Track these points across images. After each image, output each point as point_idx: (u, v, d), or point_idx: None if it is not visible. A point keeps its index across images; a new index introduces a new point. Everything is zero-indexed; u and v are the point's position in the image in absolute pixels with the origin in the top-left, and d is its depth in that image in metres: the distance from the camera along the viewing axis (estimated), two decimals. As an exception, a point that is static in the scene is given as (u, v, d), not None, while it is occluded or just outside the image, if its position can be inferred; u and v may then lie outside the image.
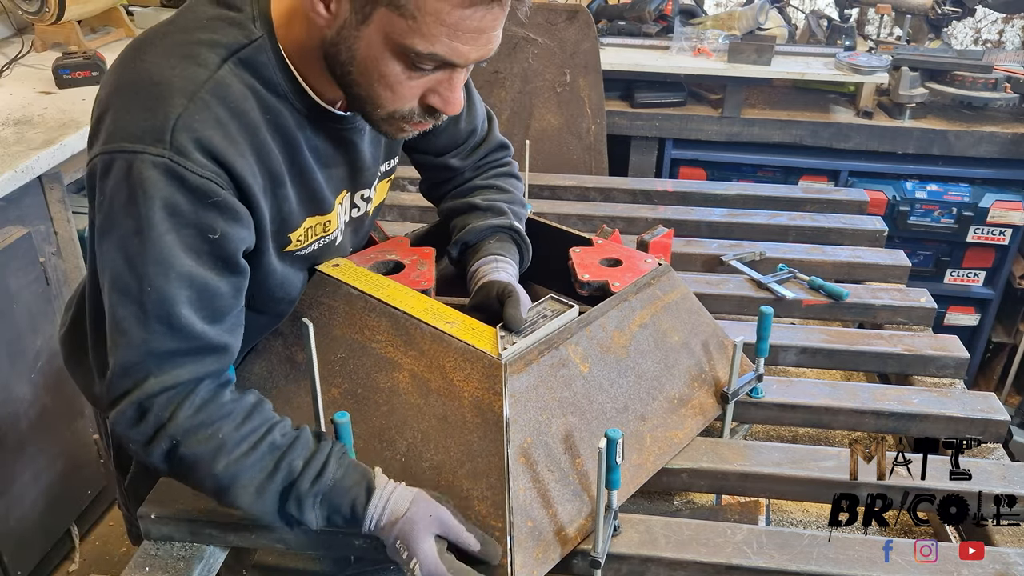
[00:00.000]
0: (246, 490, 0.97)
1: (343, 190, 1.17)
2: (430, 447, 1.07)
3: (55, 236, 2.03)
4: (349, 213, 1.22)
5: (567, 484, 1.06)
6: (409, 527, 0.98)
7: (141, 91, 0.93)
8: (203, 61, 0.95)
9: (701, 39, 2.81)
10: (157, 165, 0.90)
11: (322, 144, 1.10)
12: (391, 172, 1.30)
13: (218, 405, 0.98)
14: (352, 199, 1.21)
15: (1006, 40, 3.47)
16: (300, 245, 1.13)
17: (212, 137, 0.93)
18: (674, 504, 1.31)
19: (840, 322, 1.74)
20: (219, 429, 0.97)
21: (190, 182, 0.91)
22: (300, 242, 1.12)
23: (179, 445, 0.96)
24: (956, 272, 2.91)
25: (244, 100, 0.97)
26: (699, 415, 1.26)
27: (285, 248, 1.11)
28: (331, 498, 0.99)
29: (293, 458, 0.99)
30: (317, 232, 1.15)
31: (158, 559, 1.08)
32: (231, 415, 0.99)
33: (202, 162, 0.92)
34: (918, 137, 2.71)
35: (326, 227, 1.16)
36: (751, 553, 1.04)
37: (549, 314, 1.15)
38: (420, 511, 0.99)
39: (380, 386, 1.13)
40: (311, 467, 0.99)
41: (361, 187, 1.21)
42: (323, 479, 0.99)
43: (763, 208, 2.09)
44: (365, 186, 1.21)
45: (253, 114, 0.98)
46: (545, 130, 2.73)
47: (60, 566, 2.27)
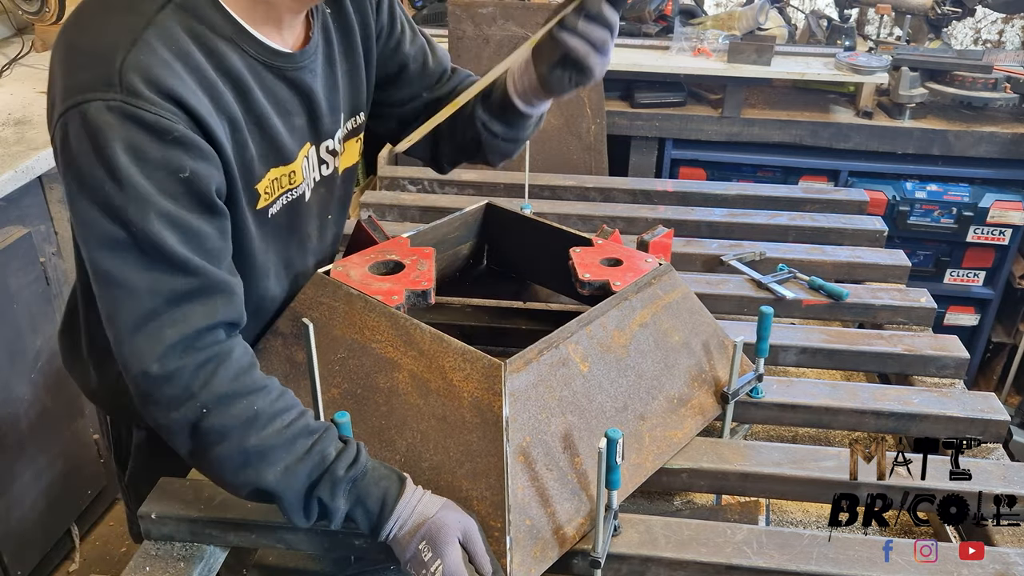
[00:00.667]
0: (274, 468, 0.95)
1: (306, 142, 1.15)
2: (429, 447, 1.07)
3: (55, 236, 2.03)
4: (318, 170, 1.20)
5: (566, 483, 1.06)
6: (437, 528, 0.97)
7: (83, 48, 0.93)
8: (140, 10, 0.94)
9: (701, 39, 2.81)
10: (112, 108, 0.89)
11: (276, 89, 1.08)
12: (358, 131, 1.28)
13: (252, 379, 0.97)
14: (318, 153, 1.19)
15: (1006, 40, 3.47)
16: (268, 200, 1.10)
17: (161, 75, 0.91)
18: (674, 504, 1.31)
19: (840, 322, 1.74)
20: (254, 402, 0.95)
21: (147, 121, 0.90)
22: (268, 196, 1.10)
23: (209, 414, 0.93)
24: (956, 272, 2.91)
25: (186, 42, 0.96)
26: (699, 415, 1.26)
27: (257, 205, 1.09)
28: (364, 486, 0.98)
29: (326, 445, 0.98)
30: (283, 184, 1.12)
31: (158, 559, 1.08)
32: (266, 389, 0.98)
33: (155, 99, 0.90)
34: (918, 137, 2.71)
35: (292, 178, 1.13)
36: (751, 553, 1.04)
37: None
38: (450, 516, 0.98)
39: (380, 386, 1.13)
40: (345, 455, 0.98)
41: (324, 137, 1.18)
42: (358, 466, 0.98)
43: (763, 208, 2.09)
44: (327, 136, 1.19)
45: (197, 56, 0.97)
46: (545, 130, 2.73)
47: (60, 566, 2.27)
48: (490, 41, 2.66)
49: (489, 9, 2.63)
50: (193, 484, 1.14)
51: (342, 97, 1.22)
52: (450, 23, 2.66)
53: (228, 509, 1.10)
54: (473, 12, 2.64)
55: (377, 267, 1.32)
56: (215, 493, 1.12)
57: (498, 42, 2.66)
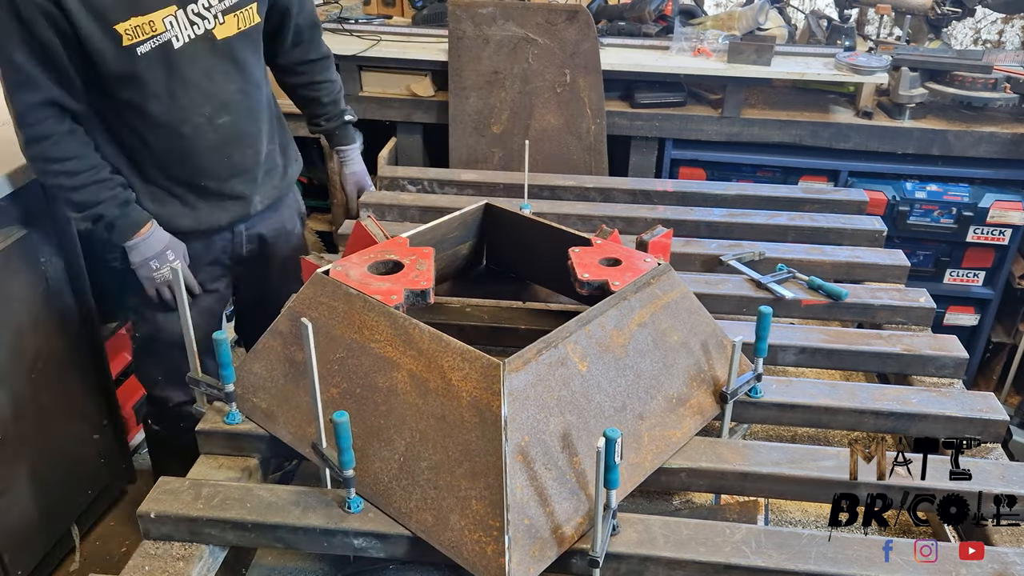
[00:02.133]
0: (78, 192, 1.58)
1: (170, 4, 1.51)
2: (428, 446, 1.07)
3: (56, 236, 2.03)
4: (191, 29, 1.55)
5: (564, 483, 1.06)
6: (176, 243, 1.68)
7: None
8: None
9: (701, 39, 2.81)
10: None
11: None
12: (235, 8, 1.61)
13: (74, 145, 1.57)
14: (187, 15, 1.54)
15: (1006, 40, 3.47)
16: (132, 40, 1.48)
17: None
18: (673, 504, 1.31)
19: (839, 322, 1.74)
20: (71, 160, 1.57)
21: None
22: (130, 36, 1.47)
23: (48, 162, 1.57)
24: (956, 272, 2.90)
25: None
26: (698, 414, 1.26)
27: (122, 43, 1.48)
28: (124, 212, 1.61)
29: None
30: (146, 31, 1.49)
31: (158, 559, 1.08)
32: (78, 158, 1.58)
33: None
34: (918, 137, 2.71)
35: (153, 27, 1.50)
36: (750, 552, 1.04)
37: None
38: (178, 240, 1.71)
39: (379, 386, 1.13)
40: None
41: (188, 3, 1.53)
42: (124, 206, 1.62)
43: (763, 208, 2.09)
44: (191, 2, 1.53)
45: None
46: (545, 130, 2.73)
47: (60, 566, 2.27)
48: (490, 41, 2.66)
49: (489, 9, 2.63)
50: (192, 484, 1.14)
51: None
52: (450, 23, 2.66)
53: (227, 509, 1.10)
54: (473, 12, 2.64)
55: (376, 267, 1.32)
56: (215, 492, 1.12)
57: (498, 42, 2.66)
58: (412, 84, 2.78)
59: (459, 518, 1.02)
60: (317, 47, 1.92)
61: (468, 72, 2.70)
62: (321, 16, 2.89)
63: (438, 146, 2.89)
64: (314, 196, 3.22)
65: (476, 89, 2.70)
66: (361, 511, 1.09)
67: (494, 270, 1.69)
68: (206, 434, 1.25)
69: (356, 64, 2.76)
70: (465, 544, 1.01)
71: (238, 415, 1.26)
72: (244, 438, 1.25)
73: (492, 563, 0.99)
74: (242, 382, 1.27)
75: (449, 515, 1.03)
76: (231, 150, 1.69)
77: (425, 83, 2.77)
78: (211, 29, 1.58)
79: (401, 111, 2.82)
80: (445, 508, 1.04)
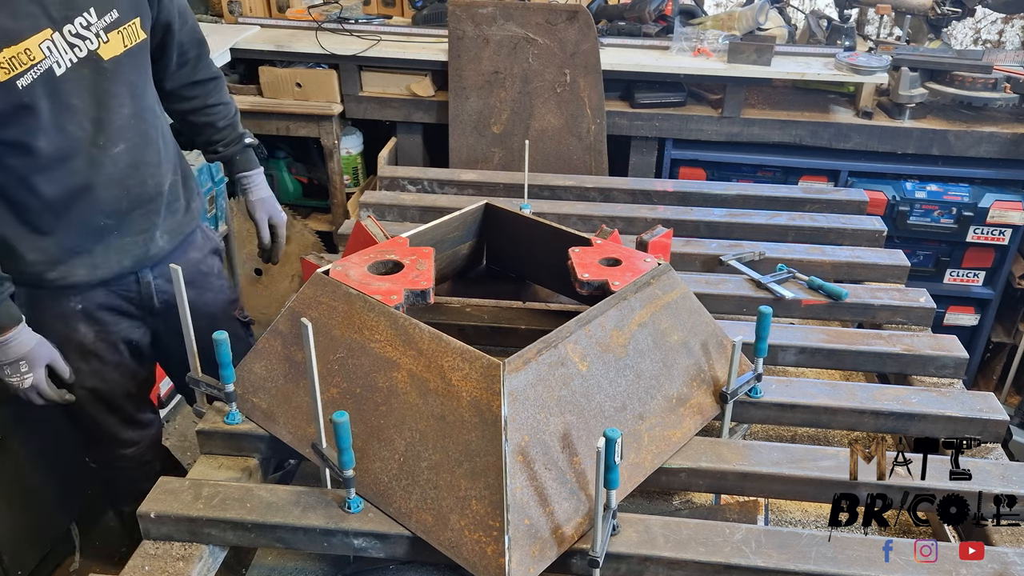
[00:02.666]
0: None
1: (45, 28, 1.36)
2: (428, 446, 1.07)
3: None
4: (72, 52, 1.40)
5: (564, 483, 1.06)
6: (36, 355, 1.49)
7: None
8: None
9: (701, 39, 2.81)
10: None
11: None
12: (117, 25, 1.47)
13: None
14: (64, 39, 1.39)
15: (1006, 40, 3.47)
16: (10, 72, 1.32)
17: None
18: (673, 504, 1.31)
19: (839, 322, 1.74)
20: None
21: None
22: (6, 69, 1.32)
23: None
24: (956, 272, 2.91)
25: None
26: (698, 414, 1.26)
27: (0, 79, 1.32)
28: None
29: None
30: (24, 60, 1.34)
31: (158, 559, 1.08)
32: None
33: None
34: (918, 137, 2.71)
35: (31, 56, 1.35)
36: (750, 552, 1.04)
37: None
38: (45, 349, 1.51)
39: (379, 386, 1.13)
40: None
41: (63, 24, 1.38)
42: None
43: (763, 208, 2.09)
44: (66, 22, 1.38)
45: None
46: (545, 130, 2.73)
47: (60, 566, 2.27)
48: (490, 41, 2.66)
49: (489, 9, 2.63)
50: (192, 484, 1.14)
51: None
52: (450, 23, 2.66)
53: (227, 509, 1.10)
54: (473, 12, 2.64)
55: (376, 267, 1.32)
56: (215, 492, 1.12)
57: (498, 42, 2.66)
58: (412, 84, 2.79)
59: (459, 518, 1.02)
60: (207, 67, 1.77)
61: (468, 72, 2.70)
62: (321, 16, 2.89)
63: (438, 146, 2.89)
64: (314, 196, 3.22)
65: (476, 89, 2.70)
66: (361, 511, 1.09)
67: (494, 270, 1.69)
68: (206, 434, 1.25)
69: (356, 64, 2.77)
70: (465, 544, 1.01)
71: (238, 415, 1.26)
72: (244, 438, 1.25)
73: (492, 563, 0.99)
74: (242, 382, 1.27)
75: (449, 515, 1.03)
76: (130, 182, 1.53)
77: (425, 83, 2.77)
78: (95, 50, 1.43)
79: (401, 111, 2.82)
80: (445, 508, 1.04)
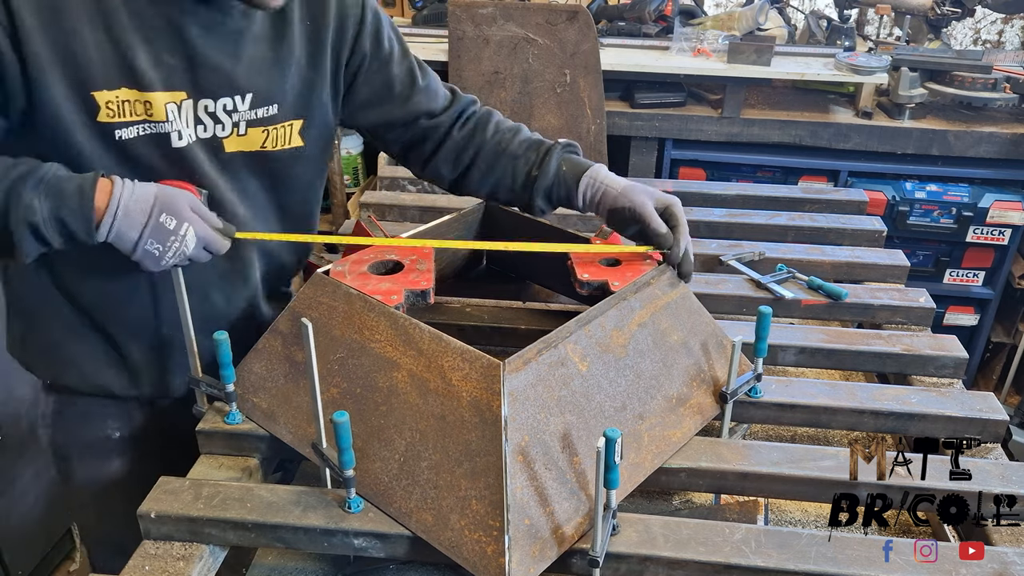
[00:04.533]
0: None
1: (180, 89, 1.13)
2: (428, 446, 1.07)
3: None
4: (193, 127, 1.16)
5: (564, 483, 1.06)
6: (171, 198, 1.06)
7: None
8: None
9: (701, 39, 2.81)
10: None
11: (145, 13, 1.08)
12: (267, 122, 1.24)
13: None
14: (196, 110, 1.16)
15: (1006, 40, 3.47)
16: (114, 117, 1.08)
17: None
18: (673, 503, 1.31)
19: (839, 322, 1.74)
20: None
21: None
22: (112, 112, 1.08)
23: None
24: (955, 272, 2.91)
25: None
26: (697, 414, 1.26)
27: (96, 116, 1.07)
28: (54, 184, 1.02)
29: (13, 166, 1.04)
30: (138, 111, 1.10)
31: (158, 559, 1.08)
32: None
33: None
34: (917, 137, 2.71)
35: (148, 110, 1.10)
36: (750, 552, 1.04)
37: None
38: (174, 190, 1.08)
39: (379, 386, 1.14)
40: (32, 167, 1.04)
41: (203, 96, 1.15)
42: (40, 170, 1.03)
43: (762, 208, 2.09)
44: (207, 96, 1.16)
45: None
46: (545, 130, 2.73)
47: (60, 566, 2.27)
48: (490, 41, 2.66)
49: (489, 9, 2.63)
50: (193, 484, 1.14)
51: (248, 75, 1.19)
52: (450, 23, 2.66)
53: (228, 509, 1.10)
54: (473, 12, 2.64)
55: (376, 267, 1.32)
56: (215, 492, 1.13)
57: (498, 42, 2.66)
58: (412, 84, 2.78)
59: (459, 518, 1.03)
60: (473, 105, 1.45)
61: (468, 72, 2.70)
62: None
63: (438, 146, 2.89)
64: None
65: (476, 89, 2.70)
66: (361, 511, 1.09)
67: (494, 270, 1.69)
68: (206, 434, 1.25)
69: (356, 64, 2.76)
70: (465, 544, 1.01)
71: (238, 415, 1.26)
72: (244, 438, 1.25)
73: (492, 563, 0.99)
74: (242, 382, 1.27)
75: (449, 515, 1.03)
76: None
77: (425, 83, 2.77)
78: (222, 137, 1.20)
79: (401, 111, 2.82)
80: (445, 508, 1.04)
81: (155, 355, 1.32)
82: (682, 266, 1.30)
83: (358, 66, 1.33)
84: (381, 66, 1.35)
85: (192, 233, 1.08)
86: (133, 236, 1.06)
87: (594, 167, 1.38)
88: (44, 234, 1.03)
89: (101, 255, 1.10)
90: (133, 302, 1.25)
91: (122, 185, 1.05)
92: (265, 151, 1.25)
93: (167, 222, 1.06)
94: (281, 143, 1.27)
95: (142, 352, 1.31)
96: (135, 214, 1.05)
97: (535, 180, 1.37)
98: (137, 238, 1.06)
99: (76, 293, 1.25)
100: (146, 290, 1.25)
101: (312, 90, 1.28)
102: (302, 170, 1.32)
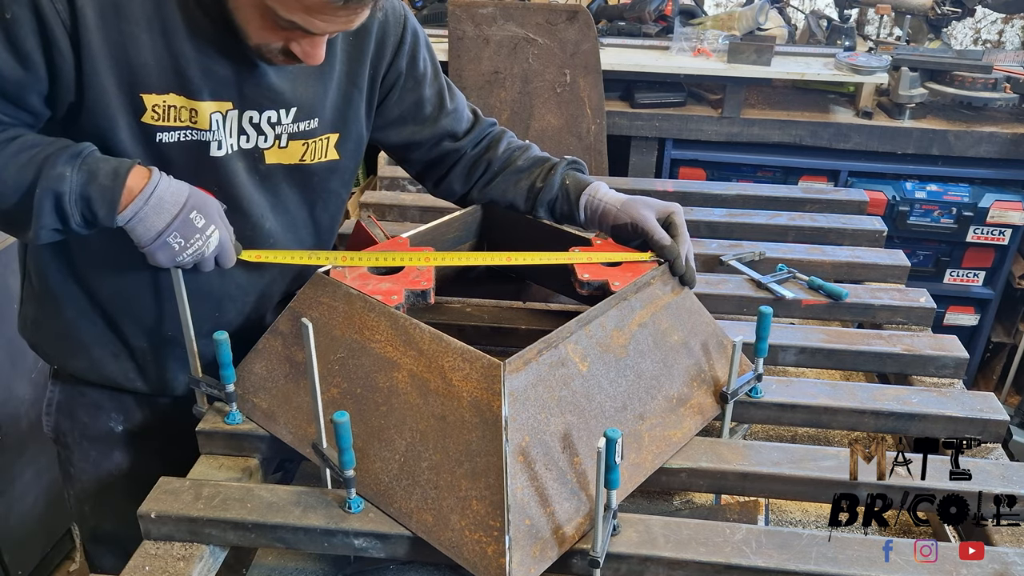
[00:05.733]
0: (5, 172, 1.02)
1: (226, 99, 1.15)
2: (429, 447, 1.07)
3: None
4: (236, 137, 1.18)
5: (565, 483, 1.06)
6: (204, 201, 1.10)
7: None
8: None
9: (701, 39, 2.81)
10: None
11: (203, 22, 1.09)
12: (307, 135, 1.25)
13: None
14: (240, 121, 1.17)
15: (1006, 40, 3.47)
16: (158, 120, 1.10)
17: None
18: (673, 504, 1.31)
19: (839, 322, 1.74)
20: None
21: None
22: (158, 115, 1.10)
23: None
24: (956, 272, 2.91)
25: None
26: (698, 415, 1.26)
27: (141, 117, 1.10)
28: (91, 162, 1.04)
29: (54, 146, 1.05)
30: (183, 117, 1.12)
31: (158, 559, 1.08)
32: None
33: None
34: (918, 137, 2.71)
35: (193, 117, 1.12)
36: (750, 553, 1.04)
37: None
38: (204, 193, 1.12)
39: (379, 386, 1.13)
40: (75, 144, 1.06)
41: (249, 107, 1.17)
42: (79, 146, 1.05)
43: (763, 208, 2.09)
44: (252, 108, 1.18)
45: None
46: (545, 130, 2.73)
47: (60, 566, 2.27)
48: (490, 41, 2.66)
49: (489, 9, 2.63)
50: (193, 484, 1.14)
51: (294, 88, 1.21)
52: (450, 23, 2.66)
53: (228, 509, 1.10)
54: (473, 12, 2.64)
55: (377, 267, 1.32)
56: (215, 492, 1.13)
57: (498, 42, 2.66)
58: (412, 84, 2.78)
59: (459, 518, 1.02)
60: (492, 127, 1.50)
61: (468, 72, 2.70)
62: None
63: (438, 146, 2.89)
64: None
65: (476, 89, 2.70)
66: (361, 511, 1.09)
67: (495, 270, 1.69)
68: (206, 434, 1.25)
69: (356, 64, 2.76)
70: (465, 544, 1.01)
71: (238, 415, 1.26)
72: (244, 438, 1.25)
73: (492, 563, 0.99)
74: (242, 382, 1.27)
75: (449, 515, 1.03)
76: None
77: (425, 83, 2.77)
78: (264, 148, 1.21)
79: (401, 111, 2.82)
80: (445, 508, 1.04)
81: (158, 352, 1.33)
82: (685, 276, 1.32)
83: (392, 84, 1.34)
84: (415, 85, 1.37)
85: (216, 236, 1.11)
86: (159, 225, 1.07)
87: (592, 184, 1.41)
88: (65, 207, 1.03)
89: (121, 248, 1.12)
90: (143, 297, 1.27)
91: (159, 175, 1.08)
92: (303, 164, 1.27)
93: (196, 219, 1.08)
94: (319, 156, 1.28)
95: (146, 348, 1.33)
96: (168, 204, 1.07)
97: (539, 192, 1.43)
98: (163, 228, 1.07)
99: (91, 283, 1.26)
100: (157, 288, 1.26)
101: (349, 104, 1.29)
102: (336, 183, 1.35)
